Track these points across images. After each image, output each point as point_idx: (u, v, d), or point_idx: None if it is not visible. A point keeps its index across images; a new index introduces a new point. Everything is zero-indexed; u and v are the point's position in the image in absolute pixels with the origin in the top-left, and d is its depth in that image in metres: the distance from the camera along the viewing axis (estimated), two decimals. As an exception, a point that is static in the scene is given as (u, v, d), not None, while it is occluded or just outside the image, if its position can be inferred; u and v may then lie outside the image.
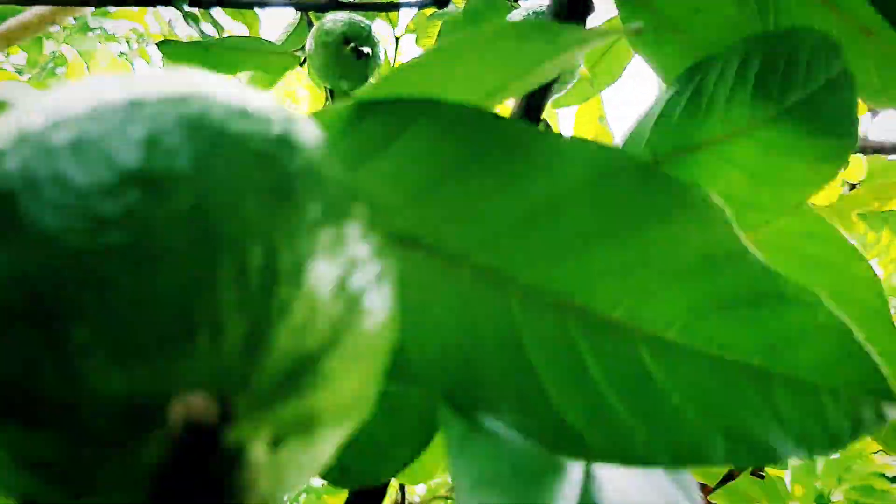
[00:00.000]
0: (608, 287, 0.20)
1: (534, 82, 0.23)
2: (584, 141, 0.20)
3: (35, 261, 0.11)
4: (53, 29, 2.18)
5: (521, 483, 0.18)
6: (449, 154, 0.20)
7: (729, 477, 0.71)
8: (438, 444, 0.34)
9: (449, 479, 1.73)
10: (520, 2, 0.77)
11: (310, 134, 0.15)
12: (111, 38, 2.72)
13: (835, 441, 0.18)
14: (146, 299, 0.12)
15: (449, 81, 0.21)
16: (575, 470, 0.20)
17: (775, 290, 0.19)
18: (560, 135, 0.21)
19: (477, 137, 0.20)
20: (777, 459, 0.18)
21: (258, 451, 0.13)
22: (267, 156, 0.13)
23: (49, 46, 2.45)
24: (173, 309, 0.12)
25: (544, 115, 0.31)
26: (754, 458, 0.18)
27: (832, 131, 0.25)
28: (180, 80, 0.14)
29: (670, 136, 0.27)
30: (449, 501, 1.68)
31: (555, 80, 0.29)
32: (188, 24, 0.76)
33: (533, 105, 0.29)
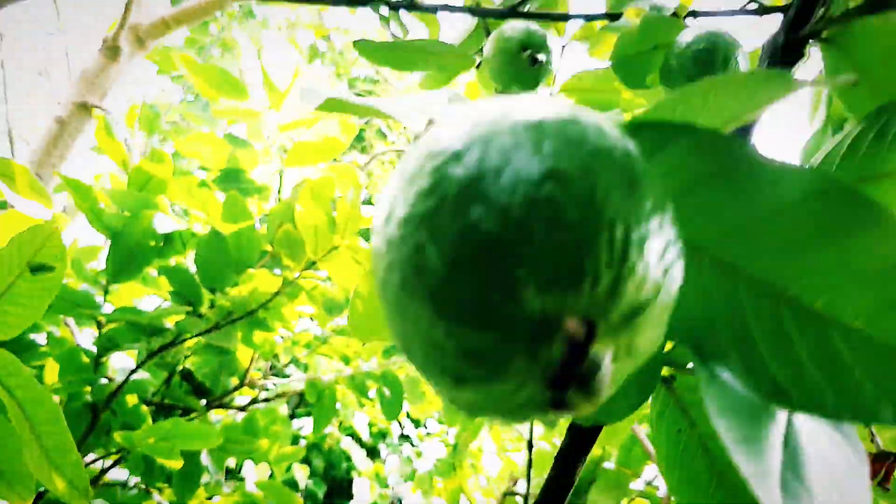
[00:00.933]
0: (814, 283, 0.26)
1: (756, 116, 0.29)
2: (800, 167, 0.26)
3: (495, 222, 0.19)
4: (218, 14, 2.35)
5: (745, 416, 0.24)
6: (699, 165, 0.26)
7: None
8: (637, 412, 0.40)
9: (520, 482, 1.79)
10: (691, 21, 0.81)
11: (636, 148, 0.22)
12: (266, 24, 2.90)
13: None
14: (558, 253, 0.19)
15: (701, 111, 0.27)
16: (781, 415, 0.26)
17: (951, 298, 0.25)
18: (780, 162, 0.27)
19: (720, 155, 0.26)
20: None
21: (607, 361, 0.19)
22: (624, 164, 0.20)
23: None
24: (572, 261, 0.19)
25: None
26: (917, 423, 0.24)
27: None
28: (557, 107, 0.21)
29: (857, 166, 0.32)
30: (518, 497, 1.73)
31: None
32: (381, 24, 0.84)
33: (745, 128, 0.35)
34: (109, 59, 2.21)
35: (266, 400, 1.89)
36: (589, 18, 0.83)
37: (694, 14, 0.82)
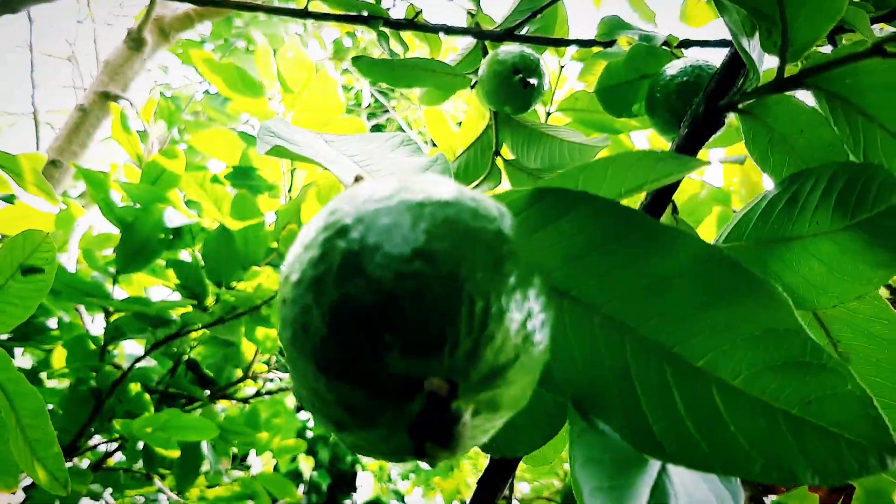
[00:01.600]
0: (697, 343, 0.28)
1: (661, 185, 0.31)
2: (691, 235, 0.28)
3: (368, 293, 0.21)
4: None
5: (616, 467, 0.26)
6: (596, 232, 0.29)
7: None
8: (557, 442, 0.43)
9: (554, 482, 1.81)
10: (684, 51, 0.82)
11: (511, 226, 0.24)
12: (290, 20, 2.93)
13: (843, 476, 0.26)
14: (421, 322, 0.21)
15: (602, 181, 0.29)
16: (655, 465, 0.28)
17: (818, 361, 0.27)
18: (674, 228, 0.29)
19: (617, 223, 0.29)
20: (797, 483, 0.26)
21: (467, 416, 0.22)
22: (490, 244, 0.23)
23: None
24: (435, 330, 0.21)
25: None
26: (781, 479, 0.26)
27: (889, 246, 0.32)
28: (445, 187, 0.24)
29: (769, 228, 0.34)
30: (551, 503, 1.76)
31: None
32: (380, 43, 0.87)
33: (661, 193, 0.37)
34: (133, 51, 2.26)
35: (270, 392, 1.93)
36: (583, 44, 0.85)
37: (686, 44, 0.84)
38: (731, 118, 0.40)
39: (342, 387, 0.22)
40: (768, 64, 0.39)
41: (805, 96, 0.41)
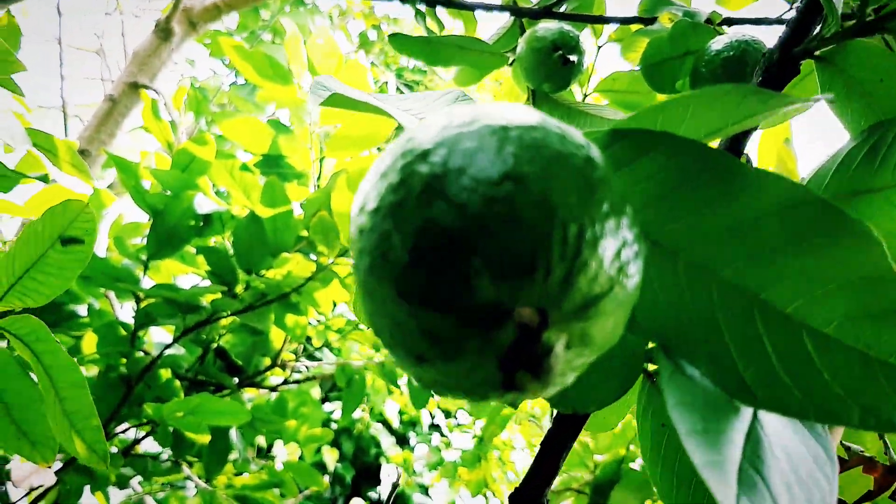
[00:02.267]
0: (786, 289, 0.26)
1: (743, 128, 0.29)
2: (777, 176, 0.27)
3: (454, 216, 0.20)
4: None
5: (708, 411, 0.25)
6: (676, 173, 0.27)
7: (867, 497, 0.72)
8: (620, 407, 0.41)
9: (583, 475, 1.79)
10: (726, 28, 0.80)
11: (599, 154, 0.23)
12: (317, 10, 2.94)
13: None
14: (514, 246, 0.20)
15: (682, 121, 0.28)
16: (746, 412, 0.27)
17: (918, 309, 0.25)
18: (760, 169, 0.27)
19: (699, 163, 0.27)
20: (894, 430, 0.24)
21: (559, 348, 0.21)
22: (581, 169, 0.21)
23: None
24: (526, 255, 0.20)
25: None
26: (879, 427, 0.25)
27: None
28: (527, 113, 0.23)
29: (848, 180, 0.33)
30: (580, 495, 1.73)
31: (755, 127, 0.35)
32: (417, 20, 0.86)
33: (735, 142, 0.35)
34: (162, 41, 2.27)
35: (297, 382, 1.93)
36: (624, 22, 0.83)
37: (729, 22, 0.82)
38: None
39: (426, 315, 0.21)
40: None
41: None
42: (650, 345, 0.33)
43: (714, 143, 0.35)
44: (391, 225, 0.21)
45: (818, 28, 0.34)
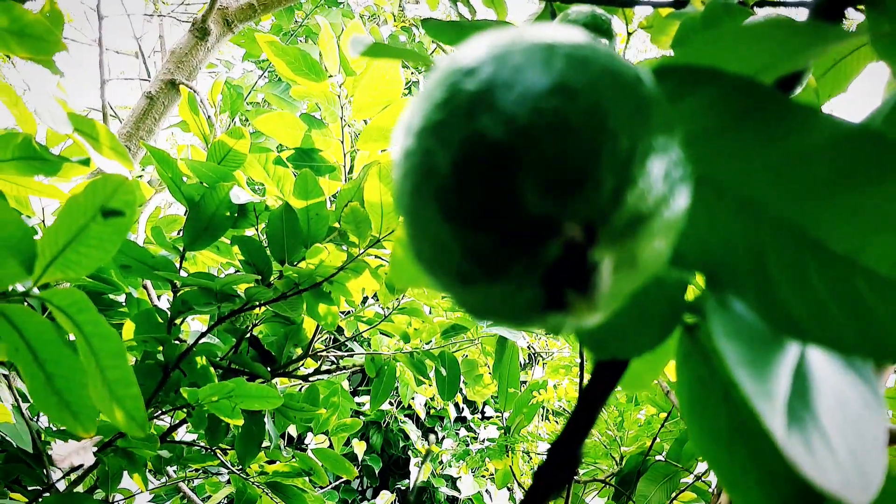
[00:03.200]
0: (838, 227, 0.26)
1: (794, 66, 0.29)
2: (830, 115, 0.26)
3: (501, 128, 0.20)
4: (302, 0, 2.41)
5: (754, 344, 0.24)
6: (727, 109, 0.27)
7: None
8: (656, 362, 0.41)
9: (610, 467, 1.77)
10: (756, 9, 0.79)
11: (648, 75, 0.22)
12: (349, 14, 2.96)
13: None
14: (562, 159, 0.19)
15: (732, 57, 0.27)
16: (793, 348, 0.26)
17: (979, 245, 0.24)
18: (810, 107, 0.27)
19: (749, 100, 0.26)
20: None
21: (606, 268, 0.20)
22: (632, 85, 0.21)
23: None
24: (576, 167, 0.20)
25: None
26: (941, 364, 0.24)
27: None
28: (573, 33, 0.22)
29: (902, 124, 0.32)
30: (607, 486, 1.72)
31: (802, 72, 0.34)
32: (451, 6, 0.86)
33: (787, 82, 0.34)
34: (198, 39, 2.30)
35: (328, 371, 1.94)
36: (656, 5, 0.82)
37: (762, 3, 0.81)
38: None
39: (470, 233, 0.20)
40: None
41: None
42: (688, 295, 0.32)
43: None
44: (436, 142, 0.21)
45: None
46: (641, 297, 0.30)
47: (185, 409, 1.44)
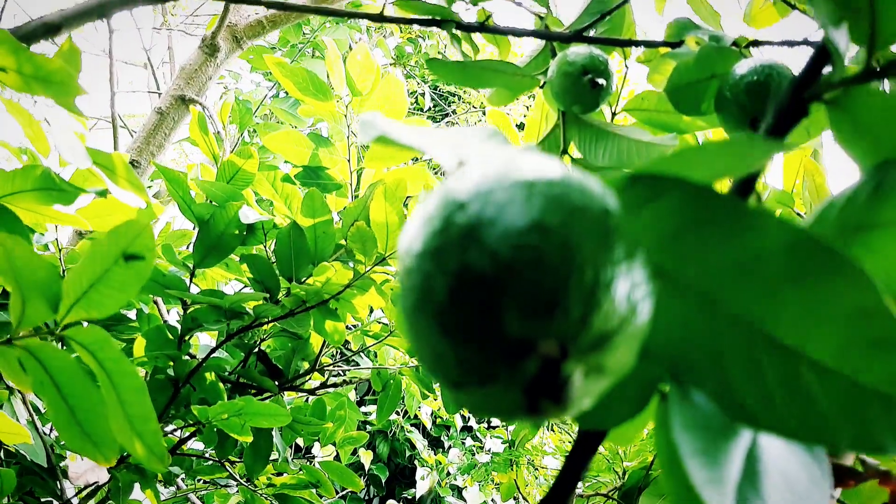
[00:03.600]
0: (787, 321, 0.29)
1: (749, 171, 0.32)
2: (779, 218, 0.30)
3: (485, 261, 0.23)
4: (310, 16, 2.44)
5: (711, 433, 0.28)
6: (688, 214, 0.30)
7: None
8: (639, 423, 0.44)
9: (613, 481, 1.81)
10: (754, 50, 0.83)
11: (615, 203, 0.26)
12: (357, 27, 3.00)
13: (932, 449, 0.27)
14: (537, 289, 0.23)
15: (694, 167, 0.31)
16: (747, 436, 0.30)
17: (907, 341, 0.28)
18: (764, 210, 0.30)
19: (709, 205, 0.30)
20: (884, 453, 0.27)
21: (577, 378, 0.24)
22: (598, 219, 0.25)
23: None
24: (549, 296, 0.23)
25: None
26: (870, 449, 0.27)
27: None
28: (551, 166, 0.26)
29: (856, 214, 0.35)
30: (609, 500, 1.75)
31: (760, 171, 0.38)
32: (454, 44, 0.90)
33: (745, 182, 0.38)
34: (208, 56, 2.34)
35: (335, 385, 1.98)
36: (651, 45, 0.86)
37: (756, 43, 0.84)
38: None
39: (462, 348, 0.24)
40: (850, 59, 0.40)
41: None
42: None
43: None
44: (434, 268, 0.24)
45: (827, 73, 0.37)
46: (617, 384, 0.34)
47: (195, 425, 1.48)
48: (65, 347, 0.71)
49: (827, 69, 0.40)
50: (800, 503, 0.28)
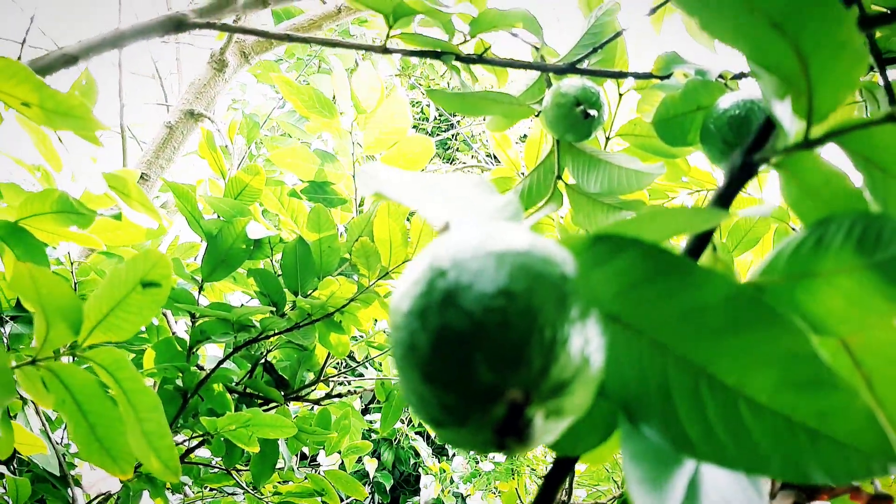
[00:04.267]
0: (728, 363, 0.34)
1: (698, 231, 0.37)
2: (721, 274, 0.34)
3: (462, 322, 0.28)
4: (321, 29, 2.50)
5: (658, 463, 0.33)
6: (642, 270, 0.35)
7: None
8: (613, 444, 0.49)
9: (613, 489, 1.85)
10: (739, 83, 0.87)
11: (573, 268, 0.31)
12: (362, 41, 3.06)
13: (850, 477, 0.31)
14: (505, 345, 0.28)
15: (647, 229, 0.36)
16: (690, 465, 0.34)
17: (831, 381, 0.32)
18: (708, 268, 0.35)
19: (660, 262, 0.35)
20: (810, 481, 0.31)
21: (539, 420, 0.28)
22: (556, 285, 0.29)
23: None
24: (514, 352, 0.28)
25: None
26: (797, 478, 0.32)
27: None
28: (521, 237, 0.31)
29: (799, 264, 0.40)
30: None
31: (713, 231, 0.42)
32: (452, 73, 0.94)
33: (701, 238, 0.43)
34: (217, 71, 2.40)
35: (339, 395, 2.02)
36: (641, 77, 0.91)
37: (742, 76, 0.89)
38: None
39: (442, 393, 0.29)
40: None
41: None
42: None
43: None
44: (419, 325, 0.29)
45: (774, 139, 0.41)
46: (585, 415, 0.39)
47: (204, 435, 1.53)
48: (85, 367, 0.76)
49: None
50: (736, 523, 0.33)
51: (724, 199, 0.41)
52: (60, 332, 0.72)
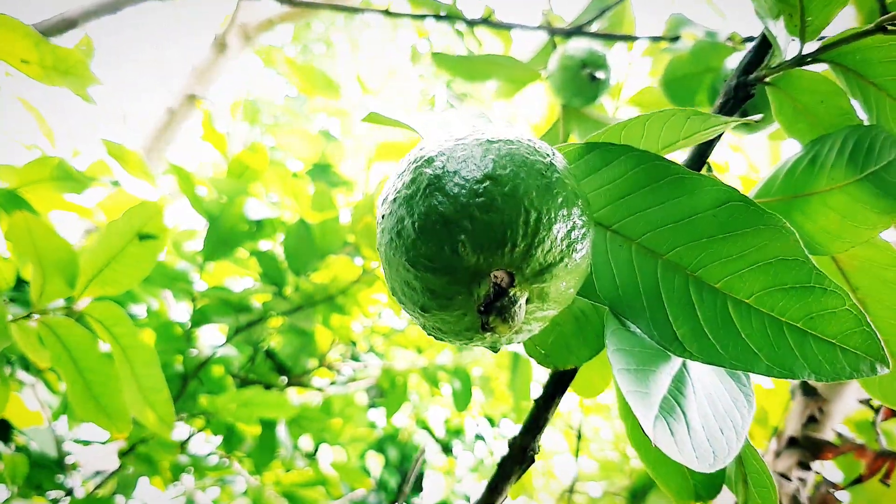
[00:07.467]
0: (716, 267, 0.33)
1: (694, 142, 0.36)
2: (713, 179, 0.34)
3: (448, 205, 0.28)
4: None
5: (643, 356, 0.32)
6: (635, 178, 0.34)
7: (858, 480, 0.77)
8: (606, 372, 0.48)
9: (621, 481, 1.84)
10: (747, 43, 0.87)
11: (561, 161, 0.30)
12: (368, 25, 3.06)
13: (836, 376, 0.31)
14: (489, 227, 0.28)
15: (641, 137, 0.35)
16: (676, 362, 0.34)
17: (821, 285, 0.32)
18: (700, 174, 0.34)
19: (652, 171, 0.34)
20: (794, 378, 0.31)
21: (522, 301, 0.28)
22: (543, 172, 0.29)
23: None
24: (499, 234, 0.28)
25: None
26: (781, 375, 0.31)
27: (891, 195, 0.36)
28: (508, 129, 0.30)
29: (793, 184, 0.39)
30: (619, 499, 1.79)
31: (720, 136, 0.42)
32: (457, 38, 0.94)
33: (701, 150, 0.42)
34: (218, 54, 2.40)
35: (343, 384, 2.02)
36: (652, 40, 0.90)
37: (750, 39, 0.88)
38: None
39: (427, 277, 0.28)
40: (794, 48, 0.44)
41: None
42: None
43: (681, 151, 0.42)
44: (405, 211, 0.29)
45: (768, 59, 0.41)
46: (581, 320, 0.39)
47: (203, 416, 1.53)
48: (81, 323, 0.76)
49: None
50: (721, 417, 0.32)
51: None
52: (57, 285, 0.72)
